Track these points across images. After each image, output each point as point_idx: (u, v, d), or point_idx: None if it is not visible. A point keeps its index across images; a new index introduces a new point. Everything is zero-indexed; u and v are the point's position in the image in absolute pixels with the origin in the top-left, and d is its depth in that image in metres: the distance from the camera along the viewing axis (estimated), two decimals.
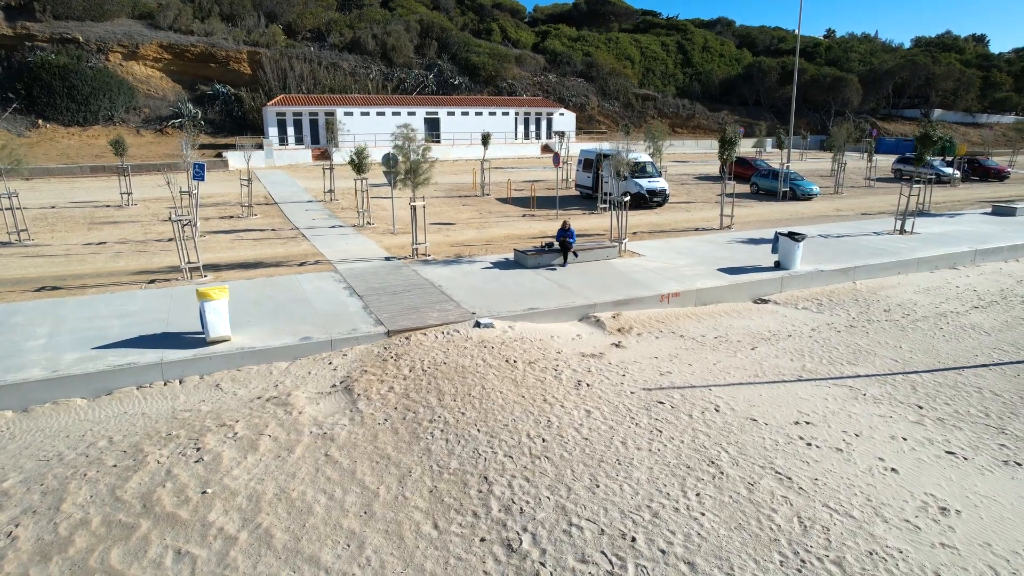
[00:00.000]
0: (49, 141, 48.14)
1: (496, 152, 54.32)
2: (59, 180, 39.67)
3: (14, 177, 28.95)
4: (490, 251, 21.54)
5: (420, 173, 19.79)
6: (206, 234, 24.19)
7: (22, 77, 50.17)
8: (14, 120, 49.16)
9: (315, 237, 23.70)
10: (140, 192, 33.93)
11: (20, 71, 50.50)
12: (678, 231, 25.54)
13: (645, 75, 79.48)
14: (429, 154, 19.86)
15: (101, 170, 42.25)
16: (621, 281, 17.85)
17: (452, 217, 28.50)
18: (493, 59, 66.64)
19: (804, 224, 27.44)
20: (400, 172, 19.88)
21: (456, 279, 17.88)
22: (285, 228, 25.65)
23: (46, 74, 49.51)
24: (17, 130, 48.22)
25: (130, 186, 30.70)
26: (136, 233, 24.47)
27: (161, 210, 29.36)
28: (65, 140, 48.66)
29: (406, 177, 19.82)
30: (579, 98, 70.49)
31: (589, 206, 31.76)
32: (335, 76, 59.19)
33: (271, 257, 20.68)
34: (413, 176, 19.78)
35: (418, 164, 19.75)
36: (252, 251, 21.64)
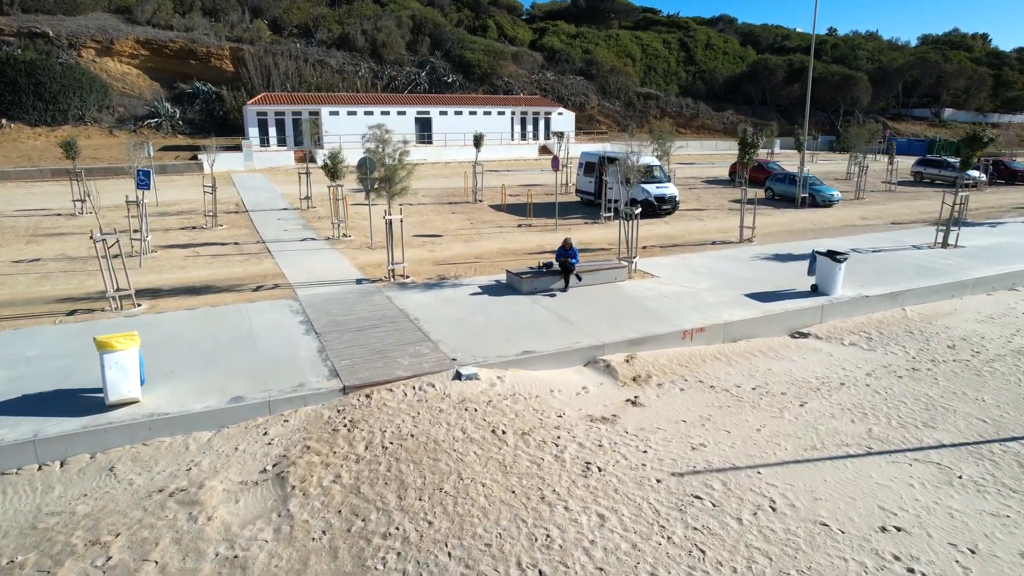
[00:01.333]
0: (12, 142, 45.14)
1: (491, 154, 51.47)
2: (16, 184, 36.73)
3: None
4: (479, 270, 18.65)
5: (396, 181, 16.92)
6: (157, 249, 21.28)
7: None
8: None
9: (281, 253, 20.80)
10: (107, 198, 30.97)
11: None
12: (693, 245, 22.66)
13: (647, 73, 76.65)
14: (408, 158, 16.99)
15: (64, 173, 39.20)
16: (634, 311, 14.98)
17: (439, 228, 25.61)
18: (488, 56, 63.77)
19: (830, 235, 24.59)
20: (374, 180, 17.00)
21: (436, 309, 14.99)
22: (250, 241, 22.74)
23: (11, 70, 46.50)
24: None
25: (84, 192, 27.77)
26: (79, 248, 21.53)
27: (118, 219, 26.42)
28: (30, 141, 45.68)
29: (380, 186, 16.95)
30: (578, 97, 67.63)
31: (591, 214, 28.89)
32: (322, 74, 56.27)
33: (224, 279, 17.78)
34: (388, 185, 16.90)
35: (394, 170, 16.87)
36: (205, 271, 18.74)
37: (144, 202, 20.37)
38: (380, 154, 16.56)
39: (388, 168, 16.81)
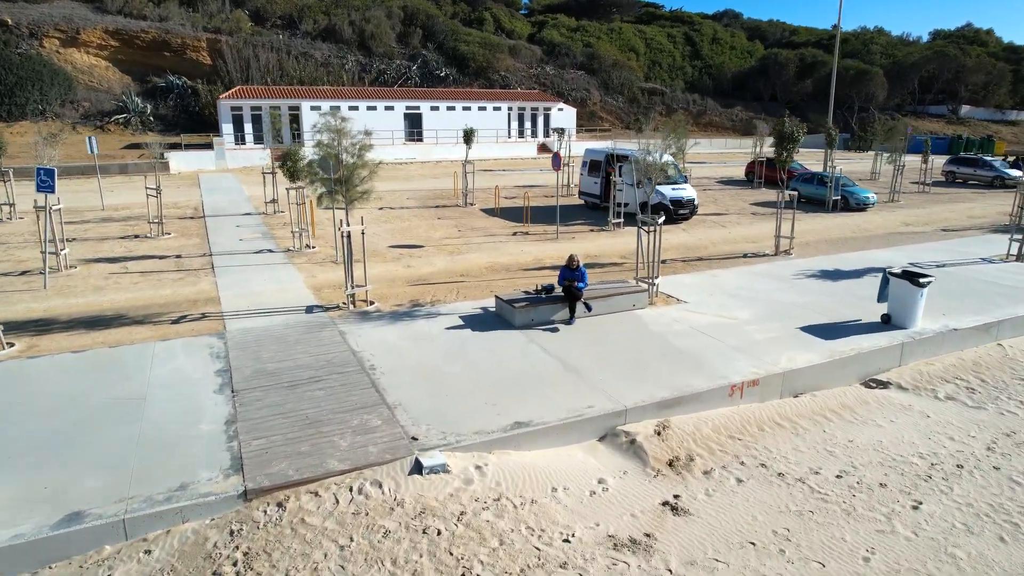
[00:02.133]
0: None
1: (486, 152, 47.92)
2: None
3: None
4: (463, 293, 15.08)
5: (355, 183, 13.35)
6: (78, 265, 17.68)
7: None
8: None
9: (226, 270, 17.20)
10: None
11: None
12: (720, 258, 19.08)
13: (651, 68, 73.08)
14: (369, 154, 13.42)
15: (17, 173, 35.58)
16: (660, 352, 11.41)
17: (421, 236, 22.02)
18: (484, 49, 60.21)
19: (876, 246, 21.03)
20: (327, 181, 13.42)
21: (401, 352, 11.41)
22: (195, 254, 19.14)
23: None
24: None
25: (12, 196, 24.18)
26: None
27: None
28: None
29: (334, 190, 13.38)
30: (580, 92, 64.06)
31: (597, 219, 25.31)
32: (306, 67, 52.67)
33: (143, 306, 14.20)
34: (345, 187, 13.32)
35: (352, 170, 13.30)
36: (125, 294, 15.15)
37: (57, 207, 16.76)
38: (335, 148, 12.98)
39: (346, 167, 13.23)
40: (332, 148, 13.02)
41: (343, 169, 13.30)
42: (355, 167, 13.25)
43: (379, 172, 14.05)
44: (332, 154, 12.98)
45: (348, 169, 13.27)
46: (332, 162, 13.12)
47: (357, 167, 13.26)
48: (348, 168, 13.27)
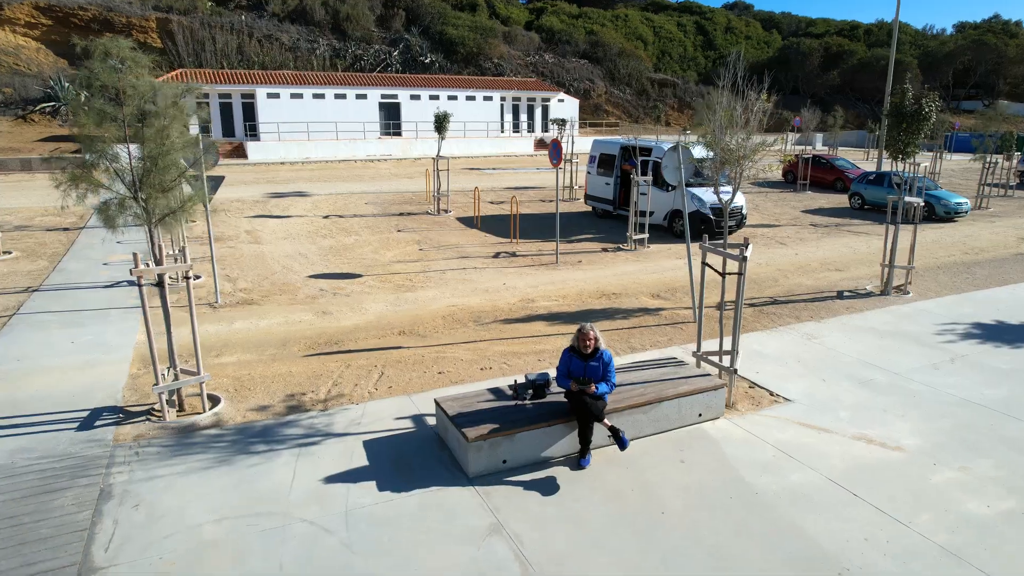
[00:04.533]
0: None
1: (474, 148, 41.50)
2: None
3: None
4: (391, 379, 8.62)
5: (161, 183, 6.92)
6: None
7: None
8: None
9: (34, 318, 10.77)
10: None
11: None
12: (805, 298, 12.62)
13: (661, 58, 66.67)
14: (173, 112, 7.03)
15: None
16: (789, 559, 4.98)
17: (364, 259, 15.58)
18: (475, 33, 53.79)
19: (1016, 273, 14.59)
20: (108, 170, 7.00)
21: (206, 558, 4.96)
22: (12, 288, 12.68)
23: None
24: None
25: None
26: None
27: None
28: None
29: (123, 197, 6.96)
30: (582, 83, 57.62)
31: (611, 232, 18.90)
32: (270, 51, 46.25)
33: None
34: (141, 190, 6.91)
35: (157, 156, 6.88)
36: None
37: None
38: (97, 100, 6.59)
39: (148, 147, 6.81)
40: (93, 96, 6.61)
41: (145, 153, 6.88)
42: (159, 152, 6.81)
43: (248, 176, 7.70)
44: (97, 110, 6.56)
45: (152, 155, 6.83)
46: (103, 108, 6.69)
47: (162, 150, 6.81)
48: (152, 154, 6.83)
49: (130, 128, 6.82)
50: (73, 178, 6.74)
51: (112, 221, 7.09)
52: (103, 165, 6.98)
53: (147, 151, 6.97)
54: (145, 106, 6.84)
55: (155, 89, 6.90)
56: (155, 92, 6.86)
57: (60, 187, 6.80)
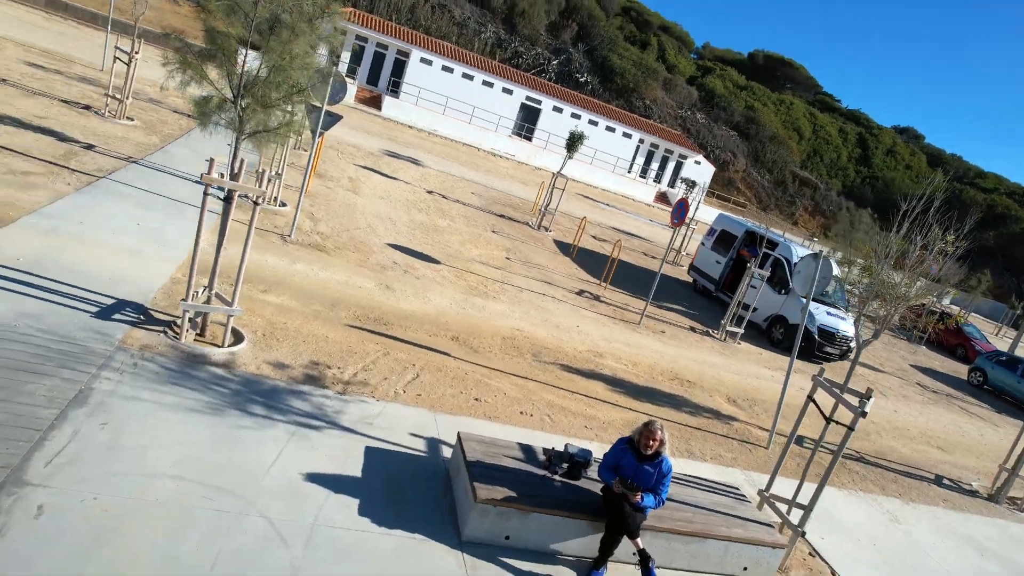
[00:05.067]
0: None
1: (595, 177, 40.62)
2: None
3: None
4: (424, 387, 7.75)
5: (263, 96, 6.31)
6: None
7: None
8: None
9: (114, 188, 10.57)
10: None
11: None
12: (896, 468, 10.97)
13: (810, 156, 63.93)
14: (303, 27, 6.41)
15: (62, 8, 31.03)
16: None
17: (448, 247, 14.89)
18: (637, 69, 53.02)
19: None
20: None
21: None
22: (116, 152, 12.65)
23: None
24: None
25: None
26: None
27: None
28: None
29: (221, 98, 6.40)
30: (724, 153, 55.86)
31: (704, 313, 17.54)
32: (438, 20, 46.98)
33: None
34: (244, 97, 6.32)
35: (271, 68, 6.27)
36: None
37: None
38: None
39: (267, 56, 6.25)
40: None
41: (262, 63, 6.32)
42: (275, 64, 6.21)
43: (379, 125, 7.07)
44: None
45: (270, 57, 6.26)
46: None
47: (277, 67, 6.21)
48: (271, 54, 6.25)
49: (256, 32, 6.25)
50: (183, 63, 6.22)
51: (206, 118, 6.55)
52: (219, 59, 6.45)
53: (265, 61, 6.40)
54: (281, 14, 6.26)
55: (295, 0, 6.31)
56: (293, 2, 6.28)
57: (167, 66, 6.30)
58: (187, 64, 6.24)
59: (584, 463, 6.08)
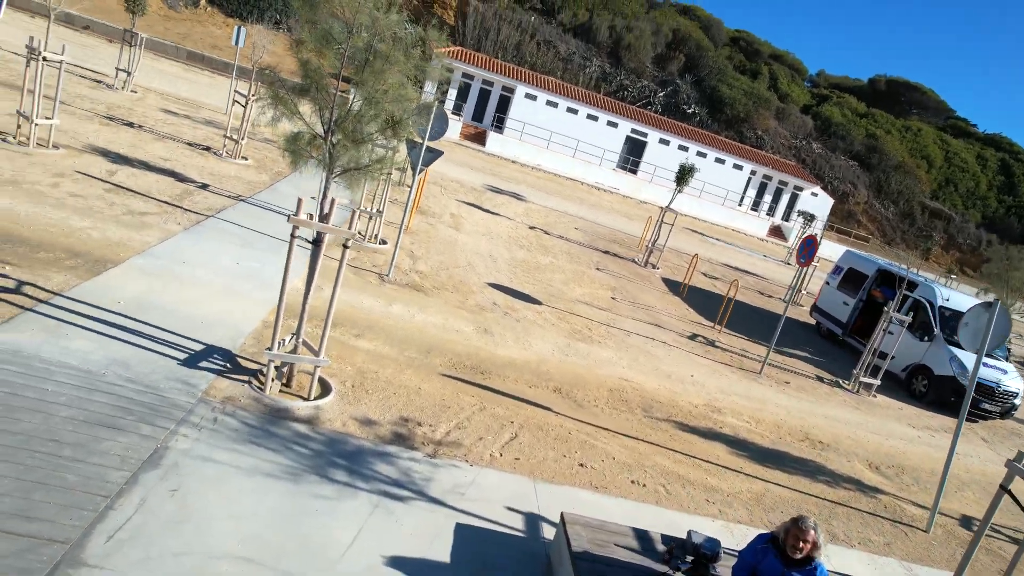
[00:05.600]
0: (198, 23, 41.08)
1: (703, 211, 38.93)
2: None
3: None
4: (524, 448, 6.96)
5: (354, 131, 5.87)
6: (60, 147, 12.16)
7: None
8: None
9: (216, 229, 10.64)
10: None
11: None
12: None
13: (943, 186, 58.77)
14: (397, 56, 5.92)
15: (200, 59, 33.48)
16: None
17: (550, 287, 14.15)
18: (748, 99, 50.91)
19: None
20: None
21: None
22: (224, 191, 12.93)
23: None
24: (173, 2, 41.67)
25: (134, 64, 20.07)
26: None
27: (151, 110, 18.31)
28: (216, 28, 41.32)
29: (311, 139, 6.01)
30: (843, 184, 52.33)
31: (832, 360, 15.80)
32: (544, 56, 47.18)
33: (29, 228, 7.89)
34: (335, 130, 5.91)
35: (365, 99, 5.85)
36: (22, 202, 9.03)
37: (55, 58, 11.24)
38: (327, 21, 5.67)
39: (362, 88, 5.83)
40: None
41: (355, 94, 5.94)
42: (368, 96, 5.77)
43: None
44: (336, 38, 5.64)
45: (364, 89, 5.85)
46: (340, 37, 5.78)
47: (370, 99, 5.77)
48: (365, 87, 5.84)
49: (350, 63, 5.84)
50: (274, 98, 5.90)
51: (297, 156, 6.20)
52: (312, 94, 6.10)
53: (359, 93, 5.99)
54: (377, 43, 5.84)
55: (393, 27, 5.87)
56: (392, 30, 5.83)
57: (259, 102, 6.02)
58: (278, 100, 5.91)
59: (712, 556, 5.05)
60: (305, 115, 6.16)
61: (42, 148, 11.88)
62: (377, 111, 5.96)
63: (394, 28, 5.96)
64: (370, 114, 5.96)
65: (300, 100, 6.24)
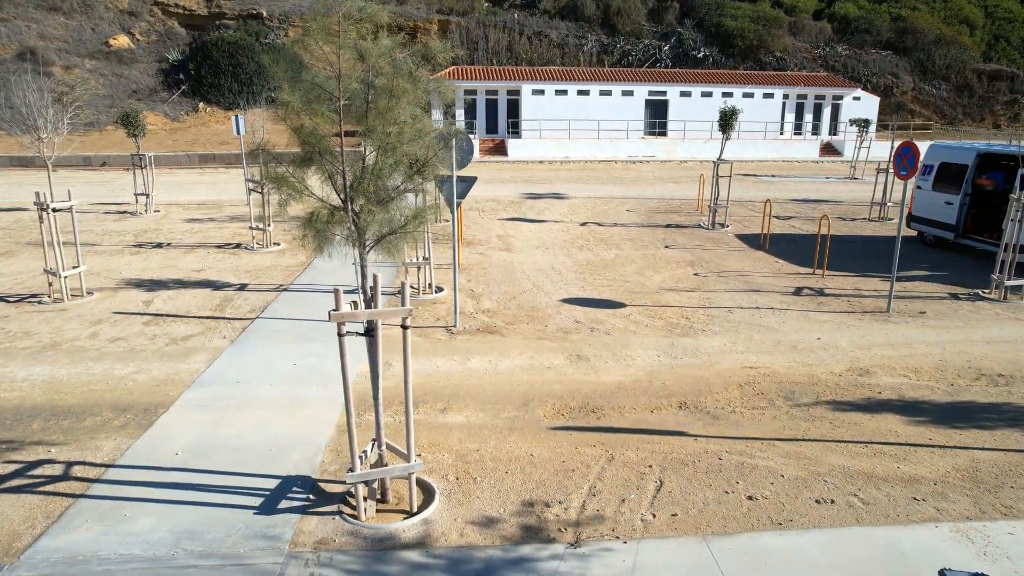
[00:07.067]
0: (202, 126, 41.61)
1: (748, 151, 36.82)
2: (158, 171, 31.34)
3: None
4: (681, 499, 5.73)
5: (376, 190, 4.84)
6: (94, 291, 11.68)
7: (195, 57, 44.62)
8: (181, 103, 43.59)
9: (268, 337, 9.86)
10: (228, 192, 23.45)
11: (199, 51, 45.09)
12: None
13: (993, 44, 54.33)
14: (404, 86, 4.88)
15: (211, 159, 33.66)
16: None
17: (627, 281, 12.85)
18: (756, 25, 48.21)
19: None
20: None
21: None
22: (265, 285, 12.22)
23: (216, 52, 43.33)
24: (174, 114, 42.43)
25: (149, 185, 19.87)
26: None
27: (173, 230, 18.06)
28: (219, 125, 41.79)
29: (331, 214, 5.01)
30: (883, 78, 48.87)
31: (951, 270, 13.94)
32: (538, 48, 45.84)
33: (72, 391, 7.20)
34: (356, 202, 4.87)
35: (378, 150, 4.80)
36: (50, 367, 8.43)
37: (65, 206, 10.77)
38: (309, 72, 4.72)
39: (372, 138, 4.82)
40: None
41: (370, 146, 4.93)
42: (382, 144, 4.75)
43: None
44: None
45: (375, 138, 4.83)
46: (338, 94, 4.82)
47: (384, 147, 4.74)
48: (376, 135, 4.83)
49: (348, 114, 4.83)
50: (276, 180, 4.93)
51: (321, 239, 5.21)
52: (316, 161, 5.11)
53: (370, 145, 4.96)
54: (374, 80, 4.81)
55: (388, 53, 4.83)
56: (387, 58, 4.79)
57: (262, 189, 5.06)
58: (280, 180, 4.93)
59: None
60: (316, 188, 5.17)
61: (77, 298, 11.43)
62: (396, 158, 4.92)
63: (390, 55, 4.93)
64: (389, 164, 4.93)
65: (305, 172, 5.28)
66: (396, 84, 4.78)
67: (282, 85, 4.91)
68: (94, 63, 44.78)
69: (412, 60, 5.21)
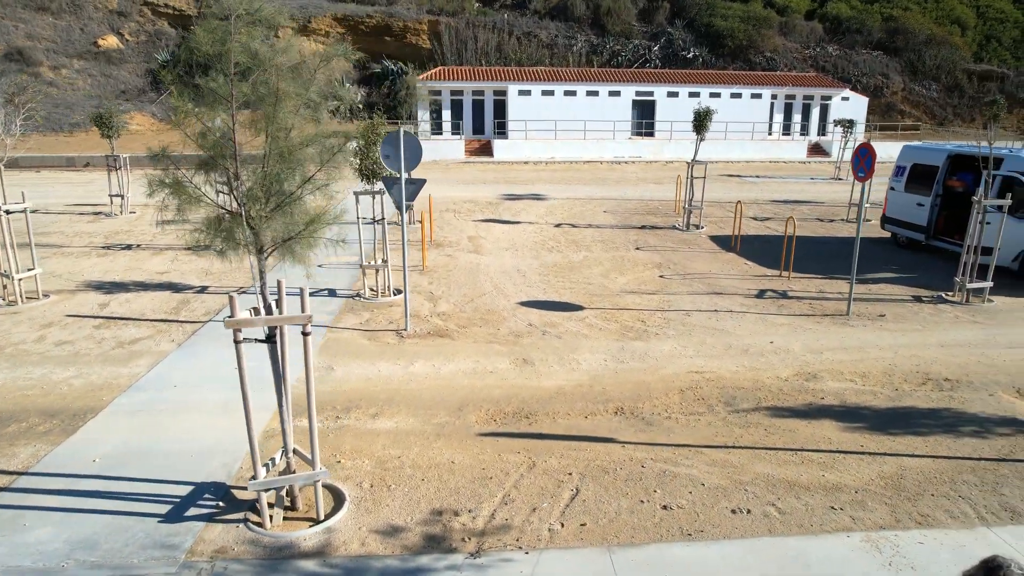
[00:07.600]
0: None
1: (736, 152, 36.72)
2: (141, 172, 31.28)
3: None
4: (594, 508, 5.65)
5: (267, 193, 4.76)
6: (50, 295, 11.61)
7: (182, 58, 44.51)
8: (169, 104, 43.46)
9: (217, 340, 9.80)
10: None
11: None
12: None
13: (984, 44, 54.23)
14: (289, 87, 4.83)
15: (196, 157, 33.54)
16: None
17: (590, 284, 12.78)
18: (746, 25, 48.12)
19: None
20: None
21: None
22: (224, 290, 12.16)
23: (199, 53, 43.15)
24: (163, 115, 42.35)
25: (124, 187, 19.81)
26: None
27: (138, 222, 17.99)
28: None
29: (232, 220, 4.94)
30: (873, 78, 48.78)
31: (919, 272, 13.88)
32: (527, 48, 45.76)
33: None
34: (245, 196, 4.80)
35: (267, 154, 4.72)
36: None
37: (17, 208, 10.71)
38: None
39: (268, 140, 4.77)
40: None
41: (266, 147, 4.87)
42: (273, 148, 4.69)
43: None
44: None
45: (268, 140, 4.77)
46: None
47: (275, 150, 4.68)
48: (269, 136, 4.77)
49: (241, 113, 4.76)
50: (164, 184, 4.86)
51: (229, 244, 5.14)
52: (217, 165, 5.04)
53: (267, 145, 4.90)
54: (264, 77, 4.74)
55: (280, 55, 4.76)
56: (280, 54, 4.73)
57: (152, 195, 5.01)
58: (174, 186, 4.86)
59: None
60: (211, 193, 5.11)
61: (32, 301, 11.36)
62: (290, 162, 4.85)
63: (281, 56, 4.85)
64: (284, 169, 4.86)
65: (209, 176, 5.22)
66: (279, 87, 4.71)
67: (172, 90, 4.83)
68: (82, 63, 44.73)
69: (315, 63, 5.13)
